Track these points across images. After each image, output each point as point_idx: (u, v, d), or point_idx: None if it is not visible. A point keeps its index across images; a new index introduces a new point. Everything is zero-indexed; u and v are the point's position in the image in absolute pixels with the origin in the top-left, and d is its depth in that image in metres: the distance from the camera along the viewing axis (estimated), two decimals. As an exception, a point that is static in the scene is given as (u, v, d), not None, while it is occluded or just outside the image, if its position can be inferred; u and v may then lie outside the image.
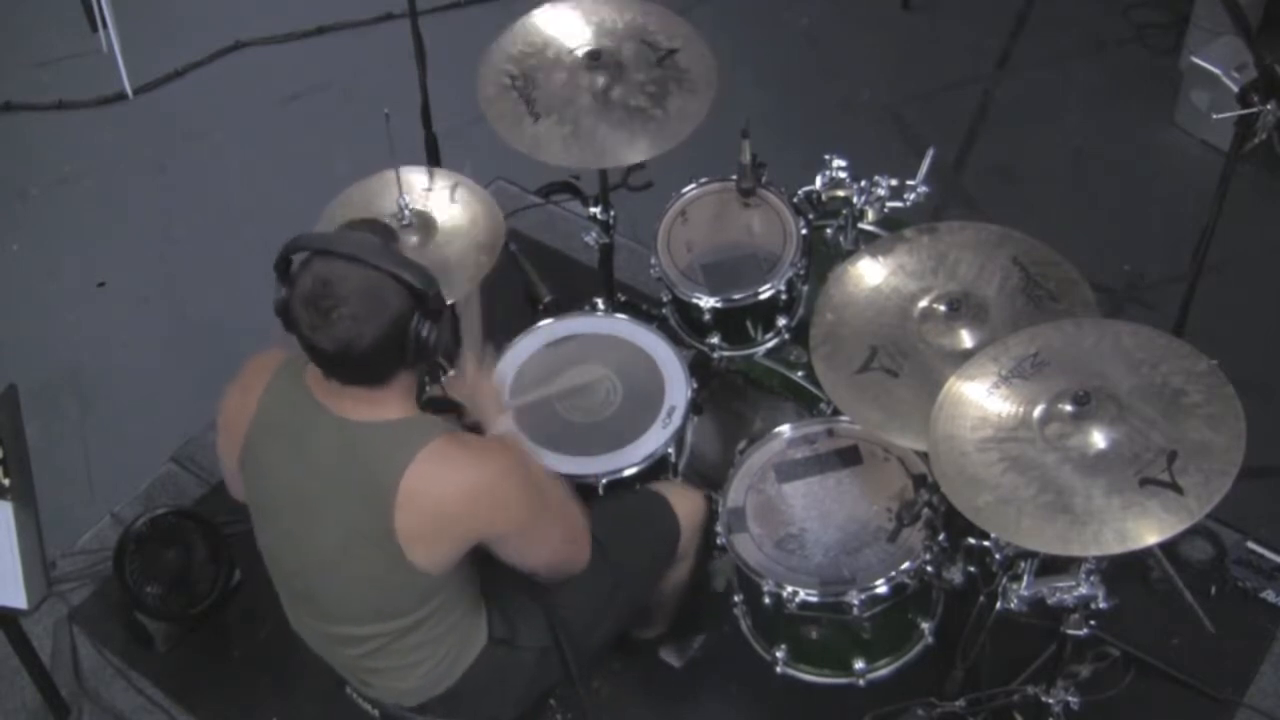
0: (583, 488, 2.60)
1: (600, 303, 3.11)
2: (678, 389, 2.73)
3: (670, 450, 2.67)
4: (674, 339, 2.87)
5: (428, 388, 2.50)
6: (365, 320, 1.94)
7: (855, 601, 2.47)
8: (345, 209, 2.84)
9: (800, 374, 2.89)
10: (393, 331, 1.96)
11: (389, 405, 2.06)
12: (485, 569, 2.27)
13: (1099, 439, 2.14)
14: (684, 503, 2.58)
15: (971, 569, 2.48)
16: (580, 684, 2.40)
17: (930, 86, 4.35)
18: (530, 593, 2.32)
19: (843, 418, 2.70)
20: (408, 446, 2.01)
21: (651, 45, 2.86)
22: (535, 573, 2.26)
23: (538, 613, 2.34)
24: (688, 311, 2.89)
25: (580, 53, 2.84)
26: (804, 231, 2.86)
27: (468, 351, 2.48)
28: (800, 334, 2.86)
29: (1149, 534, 2.04)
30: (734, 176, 2.87)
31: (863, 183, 2.75)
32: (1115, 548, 2.04)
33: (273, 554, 2.22)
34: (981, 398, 2.26)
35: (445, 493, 2.03)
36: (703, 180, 3.00)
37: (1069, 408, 2.16)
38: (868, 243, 2.74)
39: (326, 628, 2.21)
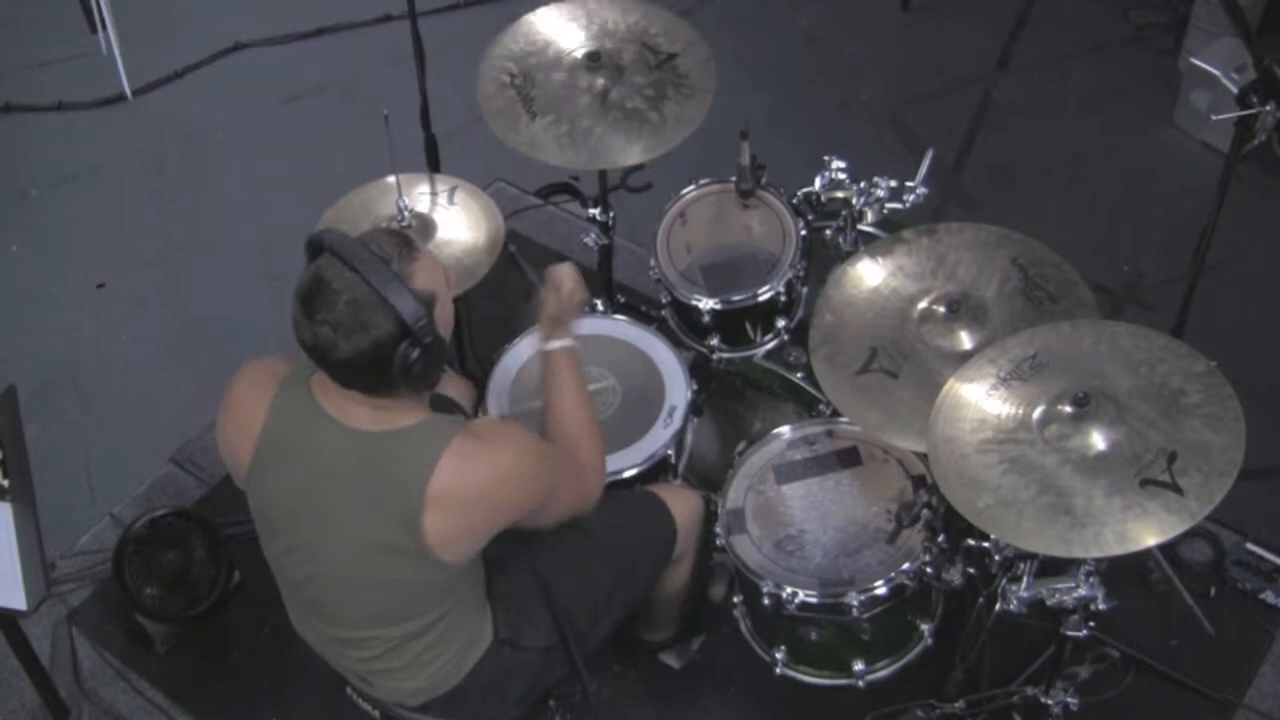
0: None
1: (599, 304, 3.11)
2: (677, 390, 2.73)
3: (670, 451, 2.67)
4: (673, 340, 2.87)
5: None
6: (344, 333, 1.93)
7: (854, 603, 2.47)
8: (346, 212, 2.85)
9: (800, 375, 2.89)
10: (371, 353, 1.95)
11: (399, 413, 2.05)
12: (487, 570, 2.27)
13: (1098, 440, 2.14)
14: (680, 502, 2.58)
15: (971, 570, 2.48)
16: (584, 678, 2.40)
17: (930, 87, 4.35)
18: (533, 592, 2.33)
19: (842, 419, 2.70)
20: (429, 451, 2.01)
21: (652, 48, 2.86)
22: (553, 523, 2.28)
23: (541, 612, 2.34)
24: (687, 313, 2.89)
25: (580, 53, 2.85)
26: (803, 233, 2.86)
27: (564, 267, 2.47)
28: (800, 335, 2.86)
29: (1150, 535, 2.03)
30: (733, 178, 2.87)
31: (862, 184, 2.75)
32: (1116, 549, 2.04)
33: (281, 564, 2.21)
34: (981, 399, 2.26)
35: (474, 488, 2.04)
36: (702, 182, 3.00)
37: (1068, 409, 2.16)
38: (867, 244, 2.74)
39: (336, 632, 2.21)
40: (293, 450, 2.08)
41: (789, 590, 2.48)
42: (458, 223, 2.86)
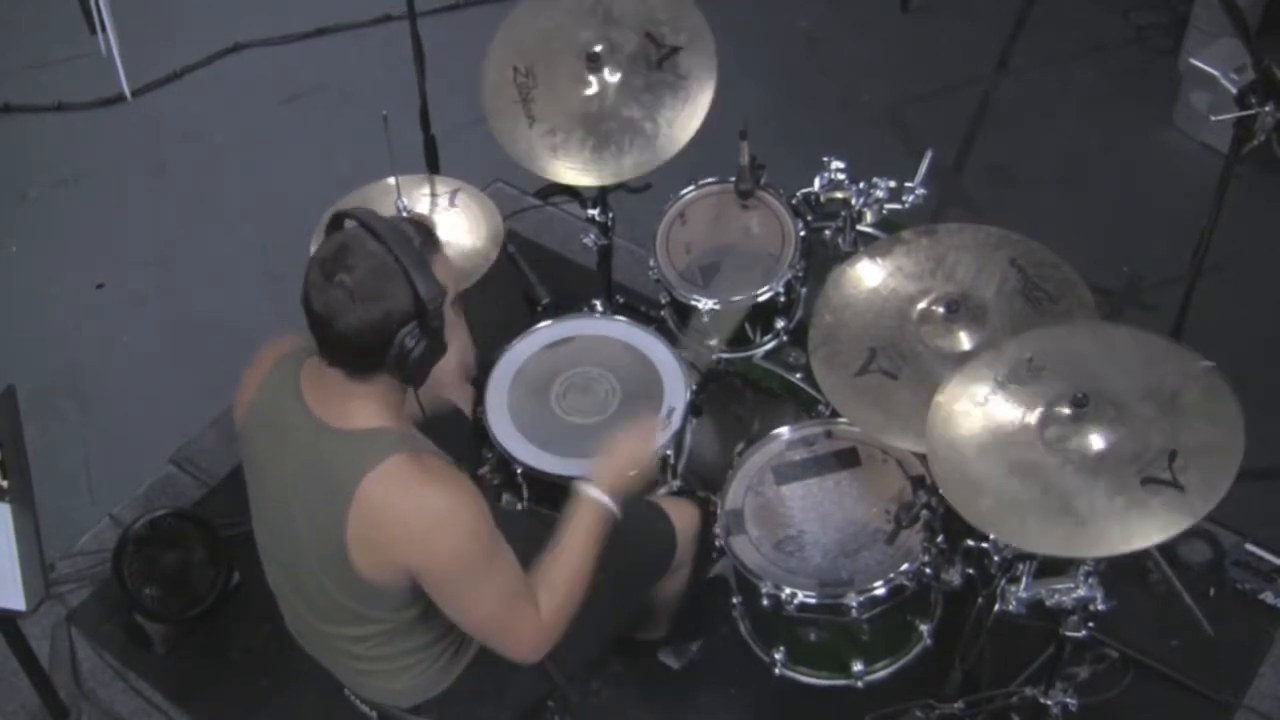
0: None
1: (599, 304, 3.11)
2: (676, 391, 2.73)
3: (669, 452, 2.67)
4: (672, 340, 2.87)
5: None
6: (359, 299, 1.92)
7: (853, 603, 2.47)
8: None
9: (799, 376, 2.89)
10: (380, 325, 1.94)
11: (366, 410, 2.03)
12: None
13: (1098, 440, 2.14)
14: (680, 512, 2.58)
15: (970, 571, 2.48)
16: (569, 691, 2.39)
17: (929, 88, 4.35)
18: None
19: (841, 419, 2.70)
20: (369, 456, 1.99)
21: (656, 40, 2.84)
22: (474, 634, 2.17)
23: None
24: (686, 313, 2.89)
25: (582, 53, 2.84)
26: (802, 233, 2.86)
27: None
28: (799, 336, 2.86)
29: (1152, 534, 2.04)
30: (733, 178, 2.87)
31: (861, 184, 2.75)
32: (1119, 548, 2.04)
33: (265, 549, 2.23)
34: (981, 401, 2.26)
35: (393, 510, 1.99)
36: (701, 182, 3.00)
37: (1068, 410, 2.16)
38: (866, 244, 2.74)
39: (315, 624, 2.22)
40: (268, 429, 2.10)
41: (788, 591, 2.48)
42: (458, 224, 2.86)
